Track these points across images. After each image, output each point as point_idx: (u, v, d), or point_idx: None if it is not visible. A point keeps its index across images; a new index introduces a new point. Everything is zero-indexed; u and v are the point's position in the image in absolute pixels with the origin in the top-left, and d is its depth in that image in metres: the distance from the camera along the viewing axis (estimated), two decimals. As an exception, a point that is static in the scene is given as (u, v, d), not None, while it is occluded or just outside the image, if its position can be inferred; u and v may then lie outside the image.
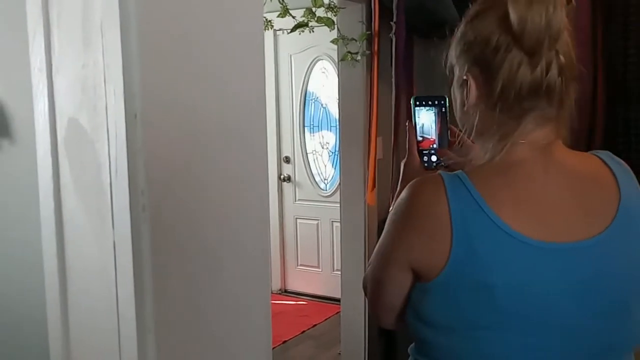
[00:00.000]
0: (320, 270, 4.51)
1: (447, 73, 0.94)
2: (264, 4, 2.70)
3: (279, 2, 2.68)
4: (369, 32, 2.99)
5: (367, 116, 2.99)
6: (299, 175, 4.68)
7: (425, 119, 1.06)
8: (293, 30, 2.85)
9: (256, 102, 0.98)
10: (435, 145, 1.06)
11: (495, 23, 0.85)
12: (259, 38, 0.97)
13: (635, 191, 0.90)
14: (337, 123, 4.19)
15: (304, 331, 3.95)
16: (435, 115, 1.06)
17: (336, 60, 3.51)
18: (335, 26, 2.92)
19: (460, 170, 0.86)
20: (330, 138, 4.66)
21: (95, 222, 0.85)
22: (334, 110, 4.54)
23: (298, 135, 4.65)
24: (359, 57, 3.00)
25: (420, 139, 1.06)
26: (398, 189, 0.98)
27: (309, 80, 4.62)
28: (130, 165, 0.81)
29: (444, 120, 1.07)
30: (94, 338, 0.87)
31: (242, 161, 0.96)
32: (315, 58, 4.51)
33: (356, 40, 2.99)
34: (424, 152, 1.07)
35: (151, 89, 0.82)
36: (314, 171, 4.68)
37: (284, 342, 3.79)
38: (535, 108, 0.86)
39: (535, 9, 0.80)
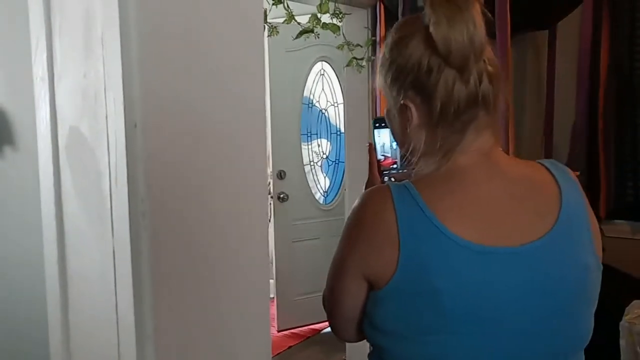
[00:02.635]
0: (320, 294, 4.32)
1: (369, 99, 0.98)
2: (269, 11, 2.72)
3: (285, 8, 2.70)
4: (374, 38, 3.00)
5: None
6: (296, 191, 4.15)
7: (385, 139, 1.10)
8: (298, 36, 2.87)
9: (256, 111, 0.99)
10: (395, 165, 1.09)
11: (421, 47, 0.89)
12: (259, 47, 0.98)
13: (577, 196, 0.93)
14: (337, 130, 4.10)
15: (309, 337, 3.94)
16: (391, 135, 1.10)
17: (336, 62, 3.51)
18: (341, 32, 2.93)
19: (407, 180, 0.89)
20: (326, 146, 4.35)
21: (96, 228, 0.85)
22: (333, 117, 4.36)
23: (294, 145, 4.18)
24: (364, 63, 3.01)
25: (382, 157, 1.10)
26: None
27: (305, 83, 4.20)
28: (130, 172, 0.82)
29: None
30: (94, 344, 0.88)
31: (242, 169, 0.97)
32: (315, 58, 4.16)
33: (361, 46, 3.00)
34: (385, 171, 1.11)
35: (151, 97, 0.83)
36: (311, 184, 4.23)
37: (290, 347, 3.79)
38: (474, 119, 0.91)
39: (457, 28, 0.84)
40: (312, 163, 4.30)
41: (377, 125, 1.09)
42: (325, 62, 4.19)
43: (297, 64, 4.08)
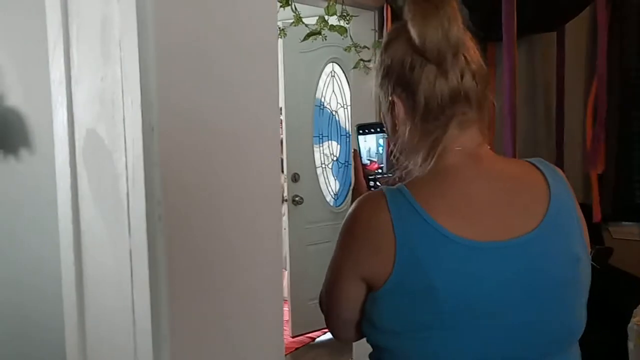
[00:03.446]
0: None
1: (376, 103, 1.02)
2: (277, 13, 2.73)
3: (292, 10, 2.70)
4: (381, 40, 3.00)
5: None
6: (309, 193, 4.10)
7: (371, 144, 1.13)
8: (306, 38, 2.88)
9: (271, 115, 0.99)
10: (381, 170, 1.12)
11: (405, 46, 0.93)
12: (274, 50, 0.98)
13: (565, 191, 0.97)
14: (347, 132, 4.08)
15: (314, 339, 3.94)
16: (377, 140, 1.13)
17: (345, 63, 3.49)
18: (348, 34, 2.94)
19: (400, 184, 0.92)
20: (336, 149, 4.30)
21: (112, 231, 0.86)
22: (342, 119, 4.36)
23: (307, 147, 4.14)
24: (371, 65, 3.01)
25: (367, 162, 1.13)
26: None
27: (317, 85, 4.17)
28: (147, 175, 0.82)
29: (387, 145, 1.13)
30: (111, 348, 0.88)
31: (256, 172, 0.98)
32: (327, 60, 4.10)
33: (369, 48, 3.01)
34: (370, 176, 1.13)
35: (168, 101, 0.84)
36: (322, 187, 4.20)
37: (296, 349, 3.79)
38: (457, 113, 0.94)
39: (431, 25, 0.89)
40: (323, 165, 4.27)
41: (361, 131, 1.13)
42: (336, 63, 4.17)
43: (310, 65, 4.03)
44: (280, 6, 2.62)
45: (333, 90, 4.31)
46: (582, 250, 0.94)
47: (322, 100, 4.22)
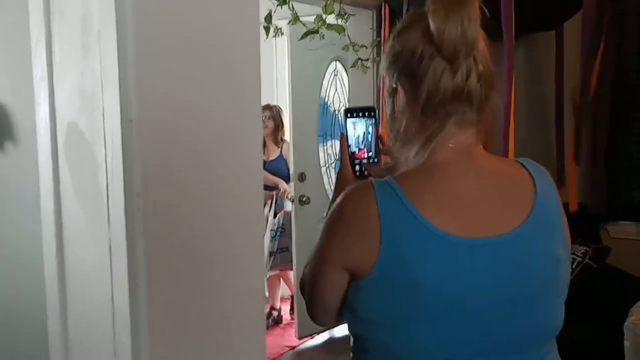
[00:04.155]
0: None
1: (380, 85, 1.01)
2: (274, 12, 2.74)
3: (289, 9, 2.72)
4: (379, 39, 3.01)
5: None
6: (315, 193, 3.97)
7: (358, 130, 1.12)
8: (303, 37, 2.89)
9: (251, 109, 1.01)
10: (366, 155, 1.11)
11: (419, 35, 0.92)
12: (255, 44, 1.00)
13: (550, 191, 0.98)
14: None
15: (313, 337, 3.95)
16: (365, 126, 1.12)
17: (348, 62, 3.47)
18: (346, 33, 2.95)
19: (389, 176, 0.93)
20: (338, 148, 4.25)
21: (93, 222, 0.88)
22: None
23: (313, 147, 4.02)
24: (369, 64, 3.02)
25: (356, 150, 1.12)
26: (332, 196, 1.05)
27: (322, 83, 4.03)
28: (126, 168, 0.84)
29: (375, 131, 1.13)
30: (91, 336, 0.90)
31: (237, 165, 0.99)
32: (330, 58, 3.97)
33: (366, 47, 3.02)
34: (356, 161, 1.13)
35: (147, 95, 0.85)
36: (326, 186, 4.09)
37: (293, 347, 3.80)
38: (457, 112, 0.94)
39: (452, 20, 0.88)
40: (326, 165, 4.18)
41: (349, 115, 1.11)
42: (339, 61, 4.10)
43: (315, 63, 3.92)
44: (278, 5, 2.63)
45: (336, 89, 4.29)
46: (564, 251, 0.95)
47: (326, 99, 4.18)
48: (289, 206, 3.91)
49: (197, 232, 0.93)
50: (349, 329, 0.97)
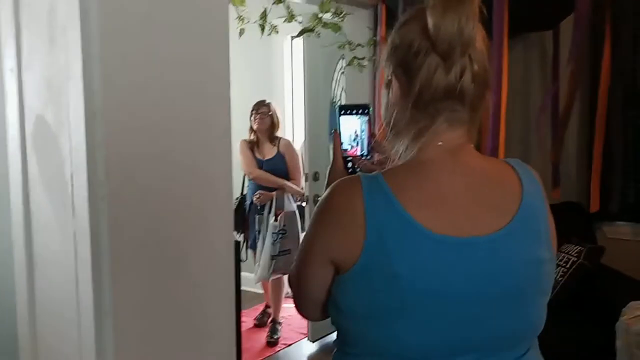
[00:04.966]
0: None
1: (378, 77, 1.01)
2: (270, 10, 2.76)
3: (285, 7, 2.73)
4: (376, 38, 3.02)
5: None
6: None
7: (351, 127, 1.12)
8: (299, 35, 2.90)
9: (219, 101, 1.02)
10: (359, 153, 1.12)
11: (418, 30, 0.92)
12: (223, 33, 1.01)
13: (537, 192, 0.97)
14: None
15: (306, 334, 3.96)
16: (359, 123, 1.12)
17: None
18: (342, 31, 2.95)
19: (377, 172, 0.93)
20: None
21: (58, 211, 0.90)
22: None
23: (324, 146, 3.87)
24: (365, 63, 3.03)
25: (348, 147, 1.13)
26: (324, 192, 1.06)
27: (332, 81, 3.90)
28: (90, 158, 0.86)
29: (368, 128, 1.13)
30: (57, 320, 0.92)
31: (204, 154, 1.00)
32: (339, 56, 3.72)
33: (363, 46, 3.02)
34: (349, 159, 1.13)
35: (111, 88, 0.87)
36: None
37: (289, 345, 3.81)
38: (448, 109, 0.94)
39: (449, 17, 0.87)
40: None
41: (343, 112, 1.12)
42: (345, 60, 4.01)
43: (327, 62, 3.79)
44: (273, 3, 2.65)
45: (343, 88, 4.22)
46: (547, 253, 0.95)
47: (334, 97, 4.15)
48: (289, 206, 3.88)
49: (161, 221, 0.95)
50: (332, 322, 0.98)
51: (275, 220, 3.74)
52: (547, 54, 3.20)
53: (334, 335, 1.04)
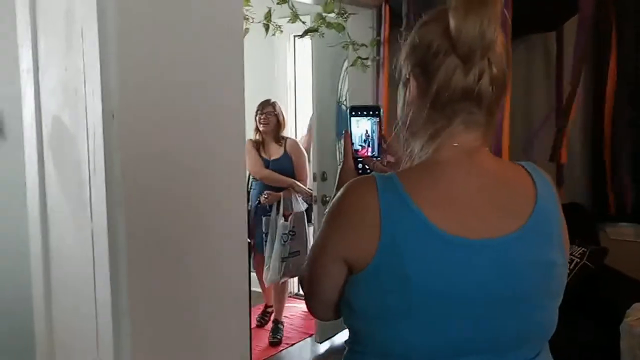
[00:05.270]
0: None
1: (396, 76, 1.01)
2: (274, 10, 2.77)
3: (289, 7, 2.73)
4: (379, 38, 3.02)
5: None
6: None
7: (362, 128, 1.13)
8: (303, 35, 2.91)
9: (234, 98, 1.03)
10: (369, 153, 1.12)
11: (439, 31, 0.92)
12: (238, 39, 1.02)
13: (551, 196, 0.98)
14: None
15: (311, 334, 3.96)
16: (370, 124, 1.13)
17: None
18: (346, 32, 2.96)
19: (392, 172, 0.93)
20: None
21: (76, 213, 0.90)
22: None
23: (331, 145, 3.82)
24: (369, 63, 3.04)
25: (359, 147, 1.13)
26: (334, 192, 1.06)
27: (339, 81, 3.81)
28: (107, 160, 0.87)
29: (378, 129, 1.13)
30: (75, 319, 0.93)
31: (219, 155, 1.01)
32: (345, 55, 3.60)
33: (366, 46, 3.03)
34: (359, 159, 1.14)
35: (128, 90, 0.88)
36: None
37: (291, 345, 3.81)
38: (464, 111, 0.94)
39: (471, 20, 0.87)
40: (340, 163, 4.06)
41: (354, 113, 1.12)
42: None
43: (334, 62, 3.82)
44: (277, 3, 2.65)
45: (348, 88, 4.15)
46: (560, 257, 0.95)
47: (340, 97, 4.10)
48: (298, 207, 3.83)
49: (177, 221, 0.96)
50: (344, 321, 0.98)
51: (286, 220, 3.70)
52: (550, 55, 3.20)
53: (340, 336, 1.05)
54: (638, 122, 2.86)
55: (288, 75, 4.55)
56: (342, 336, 3.77)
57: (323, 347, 3.71)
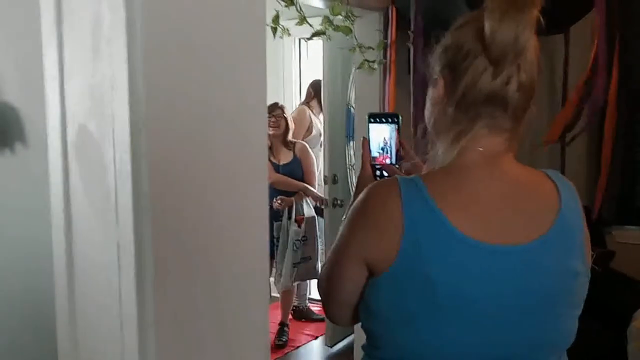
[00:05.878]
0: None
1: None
2: (282, 13, 2.75)
3: (297, 10, 2.73)
4: (386, 41, 3.02)
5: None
6: (346, 195, 3.77)
7: (380, 136, 1.12)
8: (311, 38, 2.90)
9: (257, 111, 1.02)
10: (388, 161, 1.12)
11: (472, 33, 0.92)
12: (261, 45, 1.01)
13: (575, 205, 0.97)
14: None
15: (317, 337, 3.96)
16: (389, 131, 1.12)
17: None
18: (353, 34, 2.95)
19: (416, 175, 0.93)
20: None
21: (101, 222, 0.89)
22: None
23: (342, 148, 3.92)
24: (375, 65, 3.03)
25: (377, 154, 1.13)
26: (352, 198, 1.05)
27: (349, 83, 3.88)
28: (134, 169, 0.85)
29: (397, 137, 1.13)
30: (99, 331, 0.92)
31: (243, 164, 1.00)
32: (353, 61, 3.85)
33: (373, 49, 3.02)
34: (377, 166, 1.13)
35: (156, 98, 0.87)
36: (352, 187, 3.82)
37: (297, 347, 3.81)
38: (489, 114, 0.93)
39: (507, 24, 0.87)
40: (349, 166, 4.03)
41: (372, 120, 1.12)
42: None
43: (344, 65, 3.81)
44: (285, 6, 2.65)
45: (355, 90, 4.09)
46: (582, 265, 0.95)
47: (349, 99, 4.07)
48: (309, 212, 3.80)
49: (203, 232, 0.95)
50: (362, 325, 0.97)
51: (299, 227, 3.66)
52: (555, 58, 3.20)
53: (349, 339, 1.05)
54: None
55: (293, 77, 4.57)
56: (350, 339, 3.77)
57: (326, 350, 3.71)
